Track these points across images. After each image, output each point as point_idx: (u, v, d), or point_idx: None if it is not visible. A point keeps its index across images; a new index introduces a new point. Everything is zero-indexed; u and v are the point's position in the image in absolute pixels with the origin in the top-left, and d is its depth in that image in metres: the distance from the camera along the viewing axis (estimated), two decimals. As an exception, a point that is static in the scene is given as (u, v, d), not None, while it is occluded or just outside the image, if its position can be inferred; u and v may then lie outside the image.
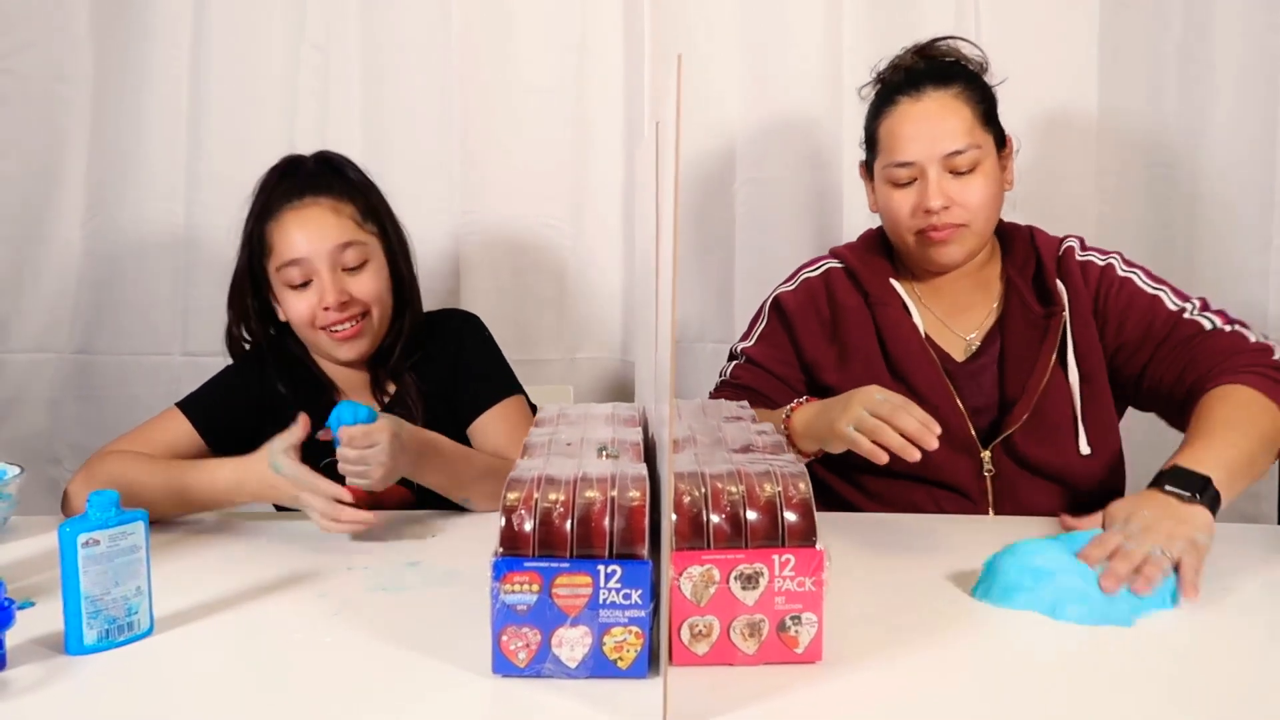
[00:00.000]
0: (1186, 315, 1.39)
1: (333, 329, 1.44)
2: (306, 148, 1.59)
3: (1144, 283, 1.43)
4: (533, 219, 2.06)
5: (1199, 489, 1.14)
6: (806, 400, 1.36)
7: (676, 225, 0.77)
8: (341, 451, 1.26)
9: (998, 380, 1.44)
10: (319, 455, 1.31)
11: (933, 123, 1.40)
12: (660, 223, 0.84)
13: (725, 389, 1.53)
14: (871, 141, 1.48)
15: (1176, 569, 1.05)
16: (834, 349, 1.50)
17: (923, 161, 1.39)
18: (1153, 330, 1.39)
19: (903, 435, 1.13)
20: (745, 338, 1.57)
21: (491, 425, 1.52)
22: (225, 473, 1.33)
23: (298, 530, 1.32)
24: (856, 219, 1.97)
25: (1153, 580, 1.03)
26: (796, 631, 0.89)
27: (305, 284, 1.44)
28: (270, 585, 1.11)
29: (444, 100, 2.01)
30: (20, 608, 0.96)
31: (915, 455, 1.13)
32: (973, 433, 1.41)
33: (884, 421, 1.14)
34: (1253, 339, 1.36)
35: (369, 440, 1.24)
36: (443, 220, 2.03)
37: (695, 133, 2.02)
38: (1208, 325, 1.37)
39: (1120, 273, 1.44)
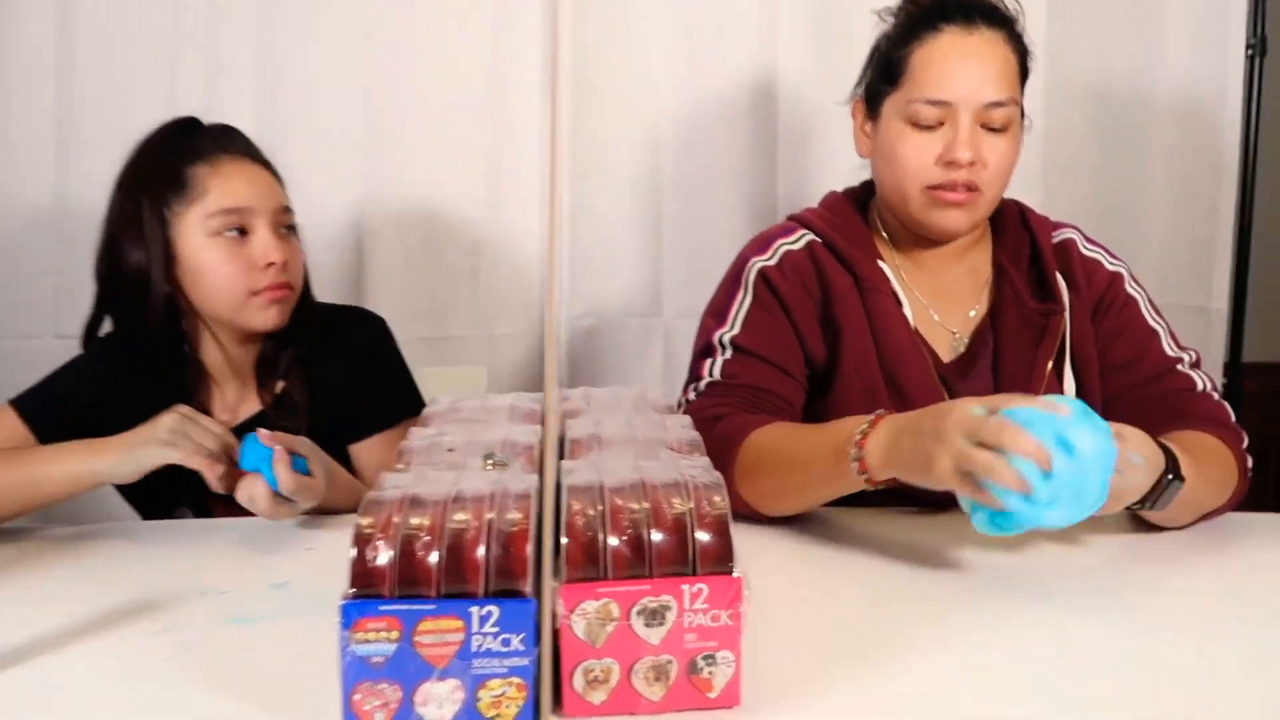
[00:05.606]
0: (1181, 368, 1.26)
1: (264, 290, 1.30)
2: (192, 109, 1.42)
3: (1146, 310, 1.30)
4: (445, 185, 1.90)
5: (1168, 470, 1.01)
6: (882, 415, 1.05)
7: (555, 166, 0.63)
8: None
9: (992, 386, 1.27)
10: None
11: (983, 63, 1.21)
12: (553, 170, 0.70)
13: (716, 392, 1.26)
14: (891, 70, 1.26)
15: None
16: (824, 338, 1.29)
17: (960, 104, 1.21)
18: (1140, 366, 1.26)
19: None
20: (721, 322, 1.30)
21: (382, 449, 1.38)
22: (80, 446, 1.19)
23: (161, 546, 1.16)
24: (790, 188, 1.88)
25: None
26: (710, 673, 0.75)
27: (236, 237, 1.29)
28: (99, 621, 0.93)
29: (348, 56, 1.84)
30: None
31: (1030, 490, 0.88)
32: None
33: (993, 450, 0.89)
34: (1233, 418, 1.23)
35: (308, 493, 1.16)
36: (344, 184, 1.86)
37: (622, 95, 1.90)
38: (1199, 386, 1.25)
39: (1127, 288, 1.31)
